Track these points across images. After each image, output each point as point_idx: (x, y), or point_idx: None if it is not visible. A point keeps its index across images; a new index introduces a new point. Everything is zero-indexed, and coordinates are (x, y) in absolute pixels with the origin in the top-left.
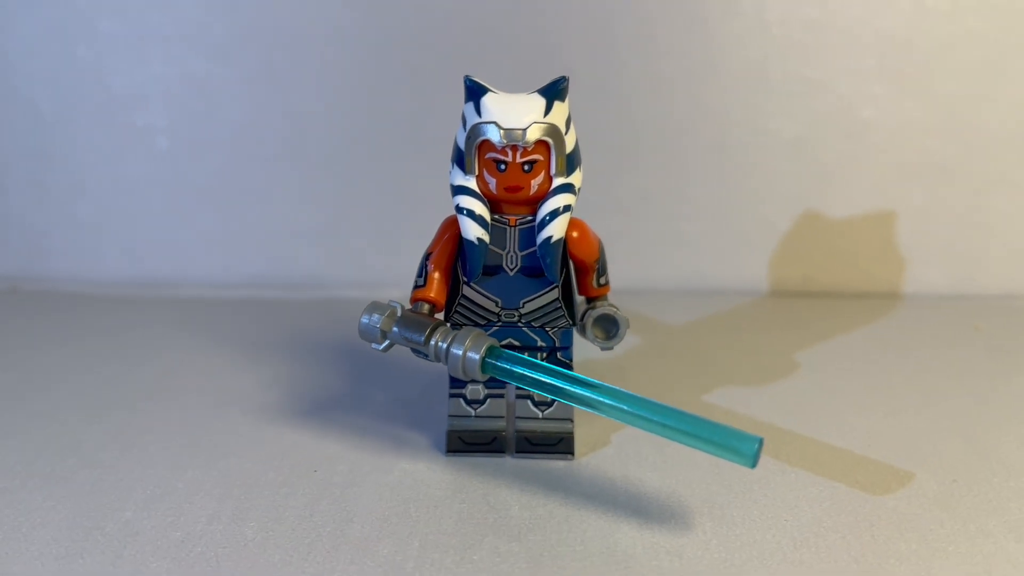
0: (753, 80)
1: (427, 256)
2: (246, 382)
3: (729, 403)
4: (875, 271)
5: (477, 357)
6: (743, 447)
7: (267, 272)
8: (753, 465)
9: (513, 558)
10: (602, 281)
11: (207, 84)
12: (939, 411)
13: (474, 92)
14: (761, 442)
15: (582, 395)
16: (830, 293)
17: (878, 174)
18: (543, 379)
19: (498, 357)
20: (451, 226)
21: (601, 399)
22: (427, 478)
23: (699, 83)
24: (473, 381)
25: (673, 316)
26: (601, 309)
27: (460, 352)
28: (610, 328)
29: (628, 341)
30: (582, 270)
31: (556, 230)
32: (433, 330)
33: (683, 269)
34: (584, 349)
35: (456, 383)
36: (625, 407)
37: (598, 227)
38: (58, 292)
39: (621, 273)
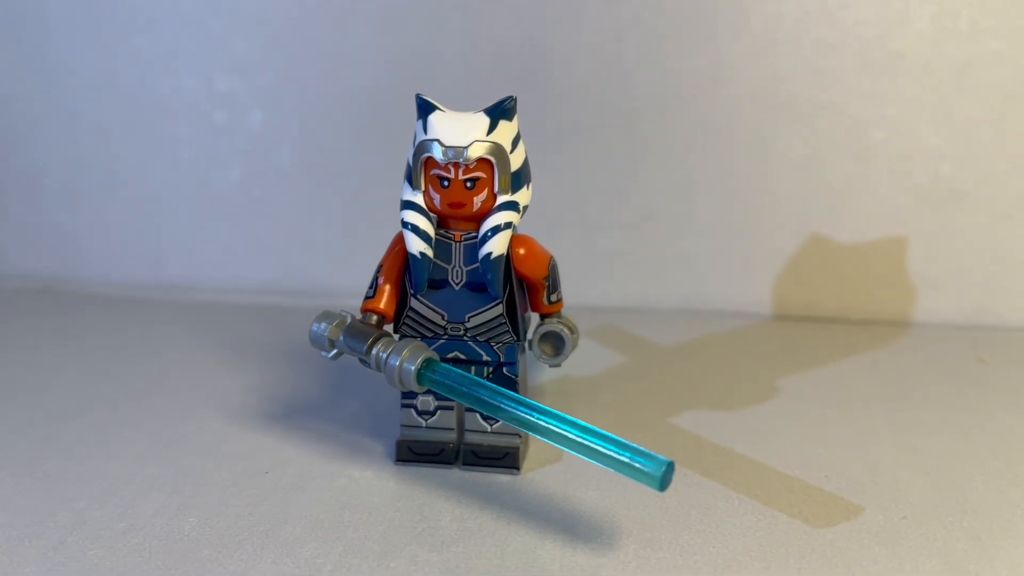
0: (761, 100)
1: (379, 268)
2: (232, 384)
3: (695, 427)
4: (883, 298)
5: (412, 368)
6: (650, 468)
7: (279, 279)
8: (662, 488)
9: (429, 568)
10: (553, 298)
11: (229, 99)
12: (912, 445)
13: (423, 109)
14: (670, 465)
15: (513, 412)
16: (835, 319)
17: (889, 198)
18: (476, 394)
19: (434, 370)
20: (401, 240)
21: (528, 416)
22: (371, 486)
23: (707, 102)
24: (426, 392)
25: (669, 336)
26: (547, 326)
27: (397, 363)
28: (558, 344)
29: (613, 360)
30: (531, 287)
31: (496, 247)
32: (376, 340)
33: (684, 289)
34: (565, 366)
35: (408, 393)
36: (545, 423)
37: (600, 243)
38: (87, 293)
39: (621, 291)
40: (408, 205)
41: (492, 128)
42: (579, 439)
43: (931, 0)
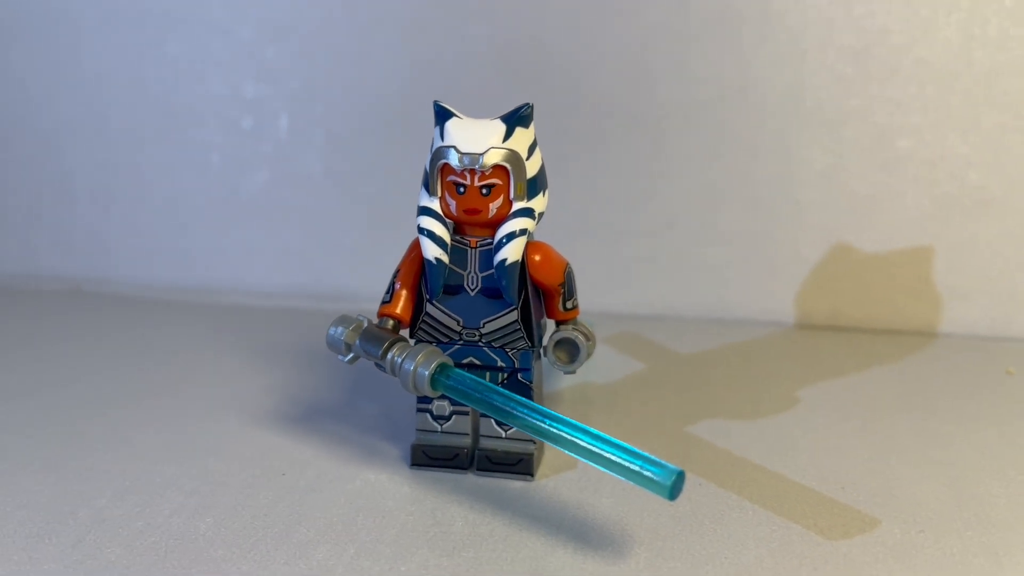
0: (786, 107)
1: (395, 273)
2: (253, 386)
3: (713, 436)
4: (909, 308)
5: (426, 373)
6: (660, 477)
7: (303, 283)
8: (671, 497)
9: (439, 572)
10: (569, 305)
11: (256, 104)
12: (933, 457)
13: (441, 116)
14: (680, 474)
15: (525, 418)
16: (860, 328)
17: (915, 206)
18: (489, 400)
19: (449, 375)
20: (418, 246)
21: (540, 423)
22: (385, 489)
23: (731, 109)
24: (441, 397)
25: (690, 345)
26: (562, 332)
27: (411, 367)
28: (573, 351)
29: (633, 368)
30: (547, 294)
31: (511, 253)
32: (391, 345)
33: (707, 297)
34: (585, 373)
35: (423, 398)
36: (556, 430)
37: (622, 251)
38: (116, 294)
39: (643, 299)
40: (424, 211)
41: (508, 135)
42: (590, 446)
43: (959, 7)
